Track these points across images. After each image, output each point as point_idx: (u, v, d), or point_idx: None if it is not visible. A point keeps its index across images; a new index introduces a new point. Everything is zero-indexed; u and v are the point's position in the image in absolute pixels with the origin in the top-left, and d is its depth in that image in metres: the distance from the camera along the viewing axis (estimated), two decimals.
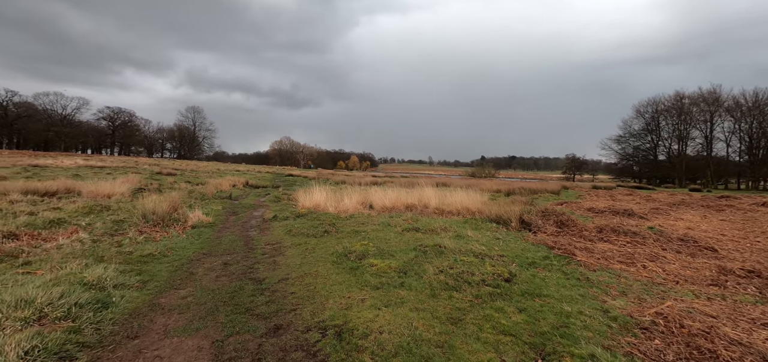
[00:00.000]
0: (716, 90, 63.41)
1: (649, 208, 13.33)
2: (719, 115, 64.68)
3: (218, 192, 17.17)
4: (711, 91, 64.07)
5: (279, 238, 6.99)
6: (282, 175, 44.23)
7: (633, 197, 23.37)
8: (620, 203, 15.67)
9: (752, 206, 15.90)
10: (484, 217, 9.65)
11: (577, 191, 26.93)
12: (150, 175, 25.91)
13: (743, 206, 16.10)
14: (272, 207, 12.26)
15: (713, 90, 63.68)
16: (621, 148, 75.99)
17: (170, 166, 39.06)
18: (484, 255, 4.87)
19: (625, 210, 11.00)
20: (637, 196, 24.11)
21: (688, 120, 68.32)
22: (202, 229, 8.06)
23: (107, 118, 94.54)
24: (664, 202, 18.59)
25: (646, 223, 9.24)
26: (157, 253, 5.84)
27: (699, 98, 66.08)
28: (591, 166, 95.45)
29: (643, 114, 72.85)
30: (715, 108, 64.27)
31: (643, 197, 23.22)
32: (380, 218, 9.70)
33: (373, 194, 13.94)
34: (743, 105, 61.00)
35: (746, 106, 60.66)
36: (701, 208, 15.63)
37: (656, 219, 10.55)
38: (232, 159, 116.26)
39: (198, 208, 11.36)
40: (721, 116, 64.65)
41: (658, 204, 16.90)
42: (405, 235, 6.78)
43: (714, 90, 63.61)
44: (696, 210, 14.61)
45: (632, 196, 24.49)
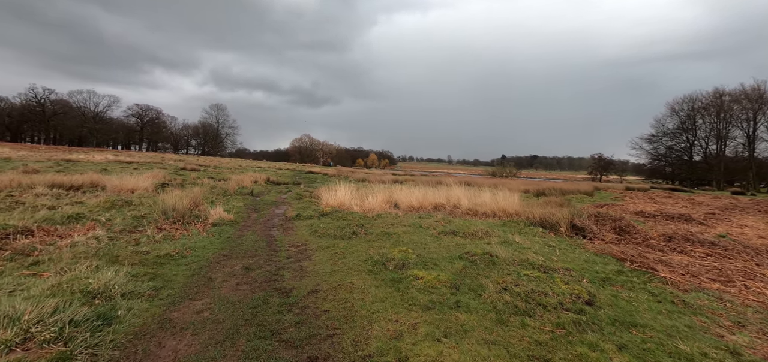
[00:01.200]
0: (760, 86, 59.12)
1: (702, 213, 12.05)
2: (763, 113, 60.30)
3: (240, 189, 16.90)
4: (755, 87, 59.75)
5: (304, 239, 6.40)
6: (302, 172, 44.21)
7: (674, 200, 21.72)
8: (667, 206, 14.37)
9: None
10: (525, 220, 8.80)
11: (612, 193, 25.36)
12: (174, 171, 26.14)
13: None
14: (295, 205, 11.77)
15: (757, 86, 59.39)
16: (653, 148, 72.12)
17: (194, 162, 39.70)
18: (548, 268, 4.08)
19: (681, 215, 9.88)
20: (679, 199, 22.42)
21: (728, 118, 64.06)
22: (223, 227, 7.59)
23: (136, 115, 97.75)
24: (713, 206, 17.05)
25: (711, 230, 8.16)
26: (175, 253, 5.35)
27: (741, 95, 61.74)
28: (618, 166, 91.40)
29: (677, 112, 68.83)
30: (758, 105, 59.92)
31: (686, 200, 21.53)
32: (409, 218, 9.00)
33: (397, 193, 13.25)
34: None
35: None
36: (758, 213, 14.13)
37: (718, 225, 9.39)
38: (254, 156, 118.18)
39: (219, 205, 10.98)
40: (766, 114, 60.28)
41: (708, 209, 15.46)
42: (443, 239, 6.06)
43: (758, 86, 59.32)
44: (755, 216, 13.17)
45: (673, 199, 22.80)
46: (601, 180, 78.14)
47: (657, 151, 72.06)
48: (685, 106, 67.63)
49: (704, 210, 14.31)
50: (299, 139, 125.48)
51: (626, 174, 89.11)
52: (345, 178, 36.90)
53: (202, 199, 10.17)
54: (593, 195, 22.48)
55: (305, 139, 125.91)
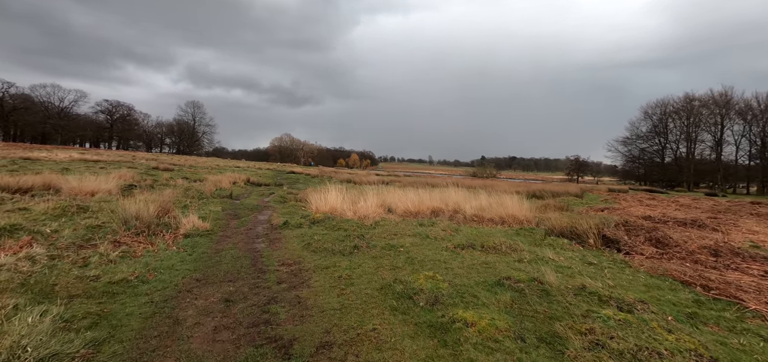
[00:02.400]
0: (727, 92, 61.89)
1: (705, 217, 11.73)
2: (729, 118, 63.13)
3: (217, 191, 15.53)
4: (722, 93, 62.54)
5: (297, 255, 5.37)
6: (283, 172, 42.56)
7: (661, 201, 21.75)
8: (665, 209, 14.08)
9: None
10: (541, 229, 8.05)
11: (599, 194, 25.32)
12: (145, 171, 24.25)
13: None
14: (280, 210, 10.62)
15: (724, 92, 62.16)
16: (627, 150, 74.52)
17: (168, 161, 37.35)
18: (619, 300, 3.24)
19: (693, 220, 9.42)
20: (664, 201, 22.51)
21: (698, 122, 66.77)
22: (197, 239, 6.42)
23: (105, 111, 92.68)
24: (704, 208, 17.00)
25: (734, 238, 7.63)
26: (134, 278, 4.22)
27: (709, 100, 64.51)
28: (593, 167, 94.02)
29: (651, 116, 71.42)
30: (725, 110, 62.68)
31: (672, 202, 21.59)
32: (410, 226, 8.09)
33: (389, 196, 12.33)
34: (755, 108, 59.40)
35: (759, 108, 59.04)
36: (753, 216, 14.02)
37: (732, 232, 8.94)
38: (232, 155, 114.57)
39: (194, 210, 9.72)
40: (732, 119, 63.10)
41: (702, 212, 15.32)
42: (463, 256, 5.17)
43: (725, 92, 62.08)
44: (753, 219, 12.99)
45: (658, 201, 22.87)
46: (578, 180, 79.95)
47: (631, 153, 74.48)
48: (657, 110, 70.25)
49: (702, 213, 14.09)
50: (279, 139, 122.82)
51: (601, 175, 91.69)
52: (328, 178, 35.66)
53: (173, 204, 8.91)
54: (582, 198, 22.28)
55: (285, 138, 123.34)
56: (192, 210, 10.01)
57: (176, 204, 10.50)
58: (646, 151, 73.15)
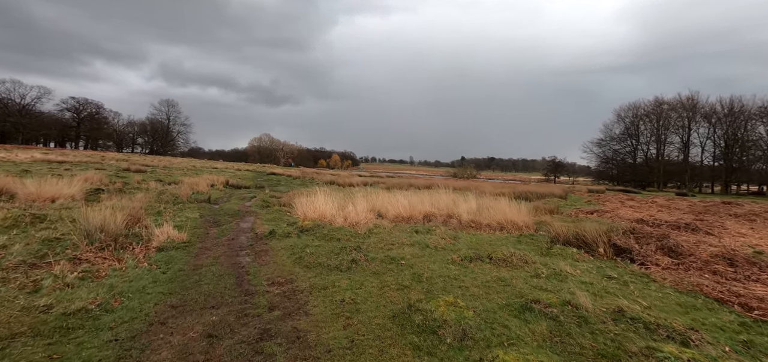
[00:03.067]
0: (694, 96, 64.99)
1: (689, 218, 11.85)
2: (695, 121, 66.28)
3: (194, 194, 14.59)
4: (689, 97, 65.62)
5: (288, 271, 4.79)
6: (263, 173, 41.27)
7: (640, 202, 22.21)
8: (649, 211, 14.23)
9: None
10: (544, 235, 7.76)
11: (583, 196, 25.68)
12: (115, 172, 22.79)
13: None
14: (264, 216, 9.93)
15: (691, 97, 65.24)
16: (601, 152, 77.07)
17: (140, 162, 35.48)
18: (670, 329, 2.85)
19: (687, 224, 9.40)
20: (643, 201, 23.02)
21: (667, 125, 69.77)
22: (172, 253, 5.72)
23: (72, 109, 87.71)
24: (683, 209, 17.40)
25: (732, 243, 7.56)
26: (95, 307, 3.56)
27: (677, 104, 67.54)
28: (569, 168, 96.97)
29: (623, 118, 74.13)
30: (692, 114, 65.77)
31: (650, 202, 22.09)
32: (404, 233, 7.62)
33: (378, 199, 11.85)
34: (719, 112, 62.57)
35: (723, 112, 62.20)
36: (732, 217, 14.35)
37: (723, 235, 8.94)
38: (209, 155, 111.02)
39: (168, 218, 8.91)
40: (697, 122, 66.26)
41: (684, 212, 15.62)
42: (473, 270, 4.73)
43: (692, 96, 65.17)
44: (734, 220, 13.26)
45: (637, 201, 23.37)
46: (555, 181, 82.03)
47: (605, 154, 77.03)
48: (630, 112, 73.03)
49: (684, 215, 14.31)
50: (258, 139, 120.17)
51: (576, 175, 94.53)
52: (310, 180, 34.76)
53: (144, 212, 8.09)
54: (566, 198, 22.48)
55: (265, 138, 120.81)
56: (166, 217, 9.20)
57: (148, 211, 9.64)
58: (618, 152, 75.90)
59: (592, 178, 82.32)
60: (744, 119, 60.19)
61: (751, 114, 59.31)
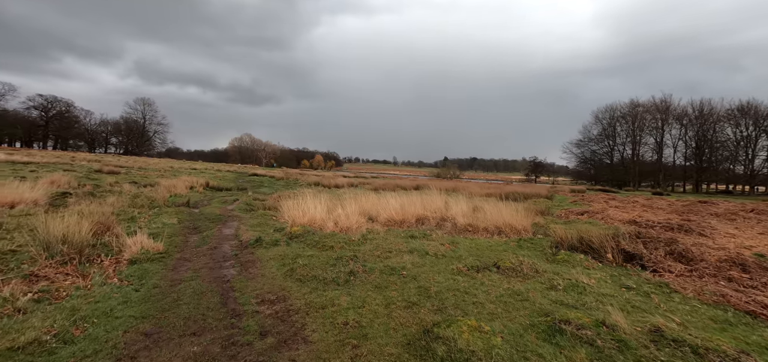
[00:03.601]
0: (667, 99, 67.55)
1: (679, 220, 11.94)
2: (668, 123, 68.85)
3: (172, 197, 13.77)
4: (662, 100, 68.13)
5: (279, 287, 4.30)
6: (245, 174, 40.10)
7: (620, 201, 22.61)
8: (635, 210, 14.34)
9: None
10: (545, 239, 7.51)
11: (568, 196, 25.97)
12: (86, 174, 21.50)
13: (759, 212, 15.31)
14: (248, 221, 9.33)
15: (664, 99, 67.78)
16: (580, 152, 79.11)
17: (114, 163, 33.79)
18: (722, 354, 2.54)
19: (680, 225, 9.39)
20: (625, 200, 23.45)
21: (642, 126, 72.17)
22: (146, 266, 5.12)
23: (39, 107, 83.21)
24: (666, 209, 17.72)
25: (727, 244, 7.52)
26: (51, 337, 3.00)
27: (652, 106, 70.00)
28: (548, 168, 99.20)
29: (601, 120, 76.31)
30: (665, 115, 68.33)
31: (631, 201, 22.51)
32: (400, 238, 7.24)
33: (367, 202, 11.42)
34: (691, 114, 65.20)
35: (694, 114, 64.82)
36: (714, 217, 14.64)
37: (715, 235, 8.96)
38: (188, 156, 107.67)
39: (143, 224, 8.23)
40: (670, 124, 68.85)
41: (667, 213, 15.88)
42: (482, 282, 4.37)
43: (665, 99, 67.72)
44: (717, 220, 13.50)
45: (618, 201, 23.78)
46: (536, 181, 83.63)
47: (584, 155, 79.06)
48: (607, 114, 75.25)
49: (669, 215, 14.49)
50: (239, 139, 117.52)
51: (556, 175, 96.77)
52: (294, 181, 33.94)
53: (115, 219, 7.39)
54: (552, 199, 22.63)
55: (246, 138, 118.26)
56: (141, 223, 8.50)
57: (121, 218, 8.90)
58: (596, 152, 78.00)
59: (572, 177, 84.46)
60: (713, 121, 62.98)
61: (719, 116, 62.13)
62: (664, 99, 68.19)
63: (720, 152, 63.07)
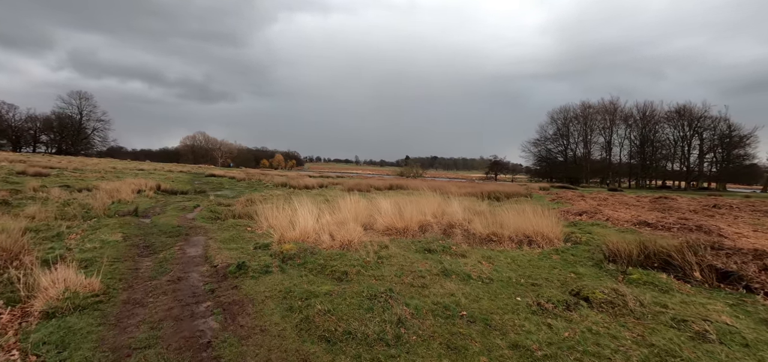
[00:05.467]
0: (615, 101, 72.14)
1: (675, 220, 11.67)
2: (616, 124, 73.55)
3: (114, 205, 11.33)
4: (611, 101, 72.64)
5: (298, 358, 2.75)
6: (201, 175, 36.58)
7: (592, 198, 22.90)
8: (628, 211, 14.09)
9: (741, 207, 15.59)
10: (577, 247, 6.47)
11: (544, 195, 25.98)
12: (3, 177, 17.88)
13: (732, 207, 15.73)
14: (218, 235, 7.44)
15: (612, 101, 72.31)
16: (537, 151, 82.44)
17: (42, 163, 29.08)
18: None
19: (698, 226, 8.88)
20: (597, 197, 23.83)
21: (593, 126, 76.48)
22: (72, 321, 3.31)
23: None
24: (645, 206, 17.92)
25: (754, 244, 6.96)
26: None
27: (601, 108, 74.42)
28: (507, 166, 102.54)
29: (556, 120, 79.99)
30: (613, 117, 72.96)
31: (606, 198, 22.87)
32: (420, 256, 5.88)
33: (354, 206, 9.93)
34: (635, 115, 70.13)
35: (638, 115, 69.76)
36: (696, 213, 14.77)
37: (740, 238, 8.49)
38: (133, 155, 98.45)
39: (73, 244, 6.18)
40: (617, 124, 73.58)
41: (647, 211, 15.94)
42: (591, 330, 3.06)
43: (613, 101, 72.28)
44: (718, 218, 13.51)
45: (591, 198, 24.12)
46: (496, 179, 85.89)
47: (541, 153, 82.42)
48: (561, 115, 79.00)
49: (658, 213, 14.39)
50: (192, 137, 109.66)
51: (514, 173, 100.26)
52: (257, 182, 31.28)
53: (28, 241, 5.27)
54: (531, 197, 22.35)
55: (199, 136, 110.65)
56: (70, 243, 6.39)
57: (41, 235, 6.71)
58: (551, 151, 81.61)
59: (529, 175, 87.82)
60: (654, 122, 68.20)
61: (659, 118, 67.43)
62: (613, 101, 72.78)
63: (660, 151, 68.48)
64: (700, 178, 64.24)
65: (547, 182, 66.14)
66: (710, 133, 63.00)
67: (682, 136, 66.90)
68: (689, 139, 66.13)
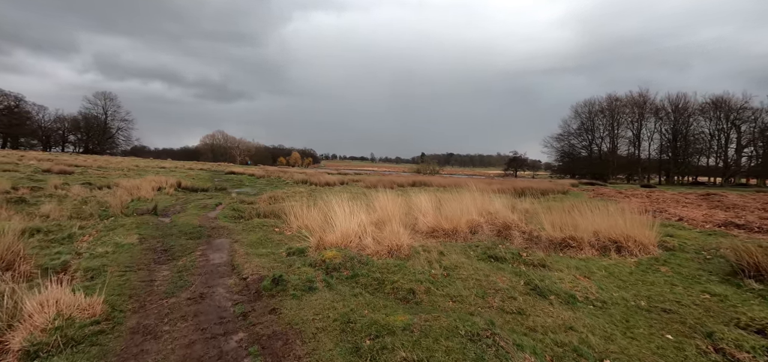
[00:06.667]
0: (644, 94, 68.09)
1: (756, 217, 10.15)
2: (644, 117, 69.59)
3: (134, 202, 10.67)
4: (640, 94, 68.60)
5: None
6: (221, 172, 36.31)
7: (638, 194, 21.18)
8: (689, 209, 12.56)
9: None
10: (686, 256, 5.25)
11: (582, 193, 24.35)
12: (29, 175, 17.69)
13: None
14: (244, 237, 6.53)
15: (642, 93, 68.29)
16: (560, 146, 79.13)
17: (69, 162, 29.25)
18: None
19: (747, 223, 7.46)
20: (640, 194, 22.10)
21: (620, 120, 72.71)
22: (60, 359, 2.41)
23: None
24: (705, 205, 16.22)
25: None
26: None
27: (630, 100, 70.49)
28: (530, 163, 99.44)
29: (580, 114, 76.39)
30: (643, 110, 68.99)
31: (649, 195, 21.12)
32: (489, 266, 4.80)
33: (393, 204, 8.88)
34: (667, 107, 66.03)
35: (670, 107, 65.63)
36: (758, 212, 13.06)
37: None
38: (155, 154, 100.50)
39: (83, 248, 5.38)
40: (646, 117, 69.59)
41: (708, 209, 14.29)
42: None
43: (642, 94, 68.24)
44: None
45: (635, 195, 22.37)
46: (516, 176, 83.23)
47: (564, 149, 79.04)
48: (586, 109, 75.28)
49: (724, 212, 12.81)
50: (211, 136, 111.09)
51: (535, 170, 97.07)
52: (278, 178, 30.68)
53: (23, 247, 4.44)
54: (567, 194, 20.84)
55: (218, 135, 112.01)
56: (80, 246, 5.60)
57: (49, 238, 5.96)
58: (575, 146, 78.21)
59: (550, 172, 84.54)
60: (687, 115, 64.07)
61: (693, 110, 63.19)
62: (642, 93, 68.64)
63: (693, 145, 64.33)
64: (738, 173, 60.10)
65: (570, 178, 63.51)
66: (750, 125, 58.72)
67: (718, 129, 62.60)
68: (727, 132, 61.83)
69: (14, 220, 6.65)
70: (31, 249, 5.07)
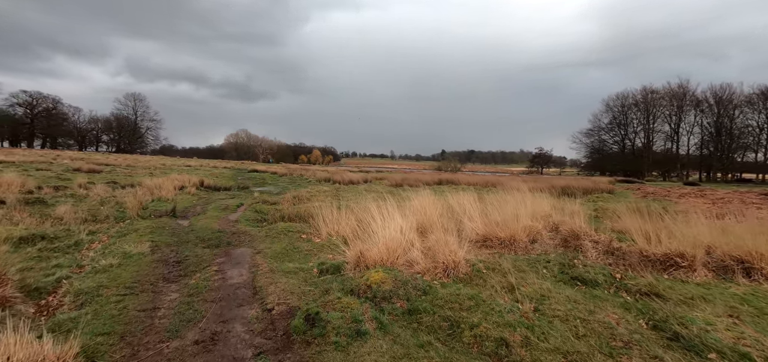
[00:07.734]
0: (684, 85, 63.17)
1: None
2: (684, 110, 64.54)
3: (153, 203, 10.08)
4: (680, 85, 63.67)
5: None
6: (244, 170, 36.23)
7: (698, 196, 19.21)
8: None
9: None
10: None
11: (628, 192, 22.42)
12: (58, 174, 17.71)
13: None
14: (268, 247, 5.64)
15: (681, 85, 63.41)
16: (590, 142, 74.97)
17: (99, 161, 29.73)
18: None
19: None
20: (687, 193, 20.09)
21: (655, 114, 67.89)
22: None
23: (23, 104, 78.09)
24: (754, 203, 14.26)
25: None
26: None
27: (668, 93, 65.56)
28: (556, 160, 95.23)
29: (612, 108, 71.94)
30: (682, 102, 64.02)
31: (702, 194, 19.10)
32: (574, 293, 3.68)
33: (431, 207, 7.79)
34: (709, 99, 60.99)
35: (713, 100, 60.57)
36: None
37: None
38: (182, 153, 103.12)
39: (87, 260, 4.62)
40: (686, 111, 64.56)
41: None
42: None
43: (681, 85, 63.32)
44: None
45: (703, 195, 20.39)
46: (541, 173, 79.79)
47: (594, 145, 74.84)
48: (618, 102, 70.64)
49: None
50: (235, 135, 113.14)
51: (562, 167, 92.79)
52: (300, 176, 30.14)
53: (3, 265, 3.66)
54: (613, 193, 19.08)
55: (242, 134, 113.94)
56: (84, 257, 4.85)
57: (51, 248, 5.25)
58: (606, 142, 74.01)
59: (578, 168, 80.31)
60: (733, 107, 59.00)
61: (739, 102, 58.10)
62: (681, 84, 63.64)
63: (739, 139, 59.22)
64: None
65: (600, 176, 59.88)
66: None
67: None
68: None
69: (19, 226, 6.04)
70: (24, 262, 4.35)
